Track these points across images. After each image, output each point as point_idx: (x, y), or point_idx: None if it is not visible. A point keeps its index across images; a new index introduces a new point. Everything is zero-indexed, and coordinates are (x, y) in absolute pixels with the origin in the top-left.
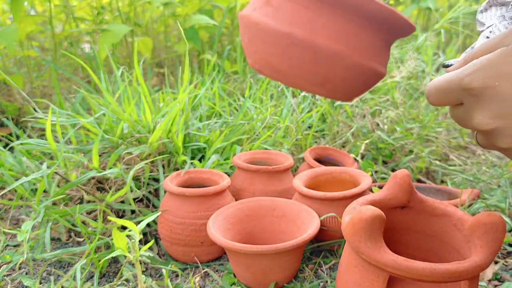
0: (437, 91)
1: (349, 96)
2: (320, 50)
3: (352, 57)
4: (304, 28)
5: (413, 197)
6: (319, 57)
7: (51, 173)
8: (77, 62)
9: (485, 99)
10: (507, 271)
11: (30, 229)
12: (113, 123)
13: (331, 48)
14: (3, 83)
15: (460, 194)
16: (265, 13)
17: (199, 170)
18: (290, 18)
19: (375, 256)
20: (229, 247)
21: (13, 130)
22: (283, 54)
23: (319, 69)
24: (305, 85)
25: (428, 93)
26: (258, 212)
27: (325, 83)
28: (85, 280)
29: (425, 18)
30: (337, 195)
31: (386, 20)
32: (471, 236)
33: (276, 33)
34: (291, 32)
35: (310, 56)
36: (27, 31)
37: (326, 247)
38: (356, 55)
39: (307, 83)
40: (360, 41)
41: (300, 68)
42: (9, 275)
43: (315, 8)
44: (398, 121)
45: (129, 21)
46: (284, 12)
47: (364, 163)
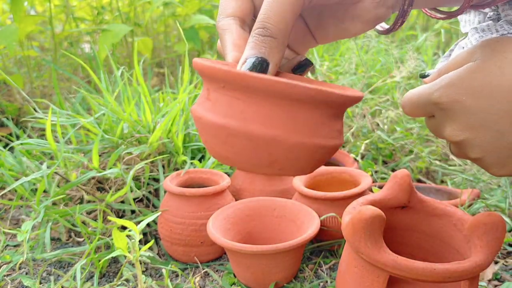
0: (411, 104)
1: (303, 171)
2: (256, 137)
3: (289, 139)
4: (238, 118)
5: (413, 197)
6: (257, 143)
7: (51, 173)
8: (77, 62)
9: (454, 113)
10: (507, 271)
11: (30, 229)
12: (113, 123)
13: (266, 133)
14: (3, 83)
15: (460, 194)
16: (205, 107)
17: (199, 170)
18: (225, 110)
19: (375, 256)
20: (229, 247)
21: (13, 130)
22: (225, 144)
23: (261, 154)
24: (253, 168)
25: (403, 105)
26: (258, 212)
27: (271, 165)
28: (85, 280)
29: (425, 18)
30: (337, 195)
31: (321, 100)
32: (471, 236)
33: (215, 125)
34: (226, 123)
35: (248, 143)
36: (27, 31)
37: (326, 247)
38: (294, 136)
39: (255, 167)
40: (296, 122)
41: (243, 155)
42: (9, 275)
43: (245, 98)
44: (398, 121)
45: (129, 21)
46: (220, 105)
47: (364, 163)
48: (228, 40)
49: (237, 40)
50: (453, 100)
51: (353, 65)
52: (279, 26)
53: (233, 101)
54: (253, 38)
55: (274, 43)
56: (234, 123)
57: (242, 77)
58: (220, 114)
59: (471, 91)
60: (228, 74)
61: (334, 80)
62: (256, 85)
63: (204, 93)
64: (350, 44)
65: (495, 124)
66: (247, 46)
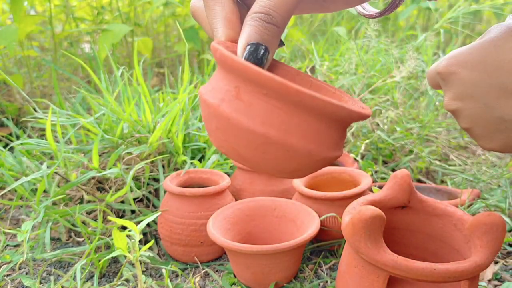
0: (427, 75)
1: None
2: (293, 149)
3: (321, 153)
4: (279, 129)
5: (413, 197)
6: (292, 154)
7: (51, 173)
8: (77, 62)
9: (450, 83)
10: (507, 271)
11: (30, 229)
12: (113, 123)
13: (304, 147)
14: (3, 83)
15: (460, 194)
16: (236, 108)
17: (199, 170)
18: (264, 117)
19: (375, 256)
20: (229, 247)
21: (13, 130)
22: (256, 149)
23: (291, 163)
24: (274, 173)
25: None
26: (258, 212)
27: (294, 172)
28: (85, 280)
29: (425, 18)
30: (337, 195)
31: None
32: (471, 236)
33: (250, 131)
34: (266, 132)
35: (283, 154)
36: (27, 31)
37: (326, 247)
38: (325, 150)
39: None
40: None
41: (272, 162)
42: (9, 275)
43: (287, 110)
44: (398, 121)
45: (129, 21)
46: (256, 110)
47: (364, 163)
48: (219, 13)
49: (230, 14)
50: (450, 71)
51: (353, 65)
52: (283, 15)
53: (274, 109)
54: (255, 22)
55: (276, 32)
56: (274, 133)
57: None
58: (257, 121)
59: (466, 65)
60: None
61: (334, 80)
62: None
63: (230, 89)
64: (350, 44)
65: (483, 97)
66: (248, 29)
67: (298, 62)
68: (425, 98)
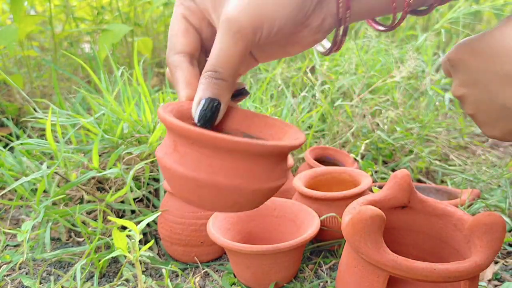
0: (442, 62)
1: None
2: (222, 187)
3: (250, 187)
4: (207, 172)
5: (413, 197)
6: (223, 192)
7: (51, 173)
8: (77, 62)
9: (457, 69)
10: (507, 271)
11: (30, 229)
12: (113, 123)
13: (231, 184)
14: (3, 83)
15: (460, 194)
16: (174, 159)
17: None
18: (194, 164)
19: (375, 256)
20: (229, 247)
21: (13, 130)
22: (194, 192)
23: (225, 199)
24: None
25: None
26: (258, 212)
27: (233, 206)
28: (85, 280)
29: (425, 18)
30: (337, 195)
31: (276, 152)
32: (471, 236)
33: (185, 177)
34: (196, 176)
35: (215, 192)
36: (27, 31)
37: (326, 247)
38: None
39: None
40: (255, 172)
41: (210, 200)
42: (9, 275)
43: (213, 154)
44: (398, 121)
45: (129, 21)
46: (188, 158)
47: (364, 163)
48: (180, 77)
49: (188, 77)
50: (458, 58)
51: (353, 65)
52: (229, 70)
53: (202, 156)
54: (206, 80)
55: (225, 85)
56: (204, 176)
57: (213, 139)
58: (189, 168)
59: (474, 52)
60: (199, 136)
61: (334, 80)
62: (224, 145)
63: (170, 143)
64: (350, 44)
65: (487, 84)
66: (200, 87)
67: (298, 62)
68: (425, 98)
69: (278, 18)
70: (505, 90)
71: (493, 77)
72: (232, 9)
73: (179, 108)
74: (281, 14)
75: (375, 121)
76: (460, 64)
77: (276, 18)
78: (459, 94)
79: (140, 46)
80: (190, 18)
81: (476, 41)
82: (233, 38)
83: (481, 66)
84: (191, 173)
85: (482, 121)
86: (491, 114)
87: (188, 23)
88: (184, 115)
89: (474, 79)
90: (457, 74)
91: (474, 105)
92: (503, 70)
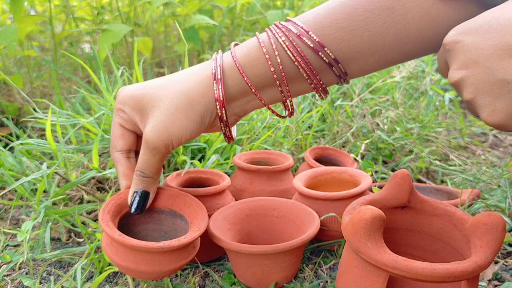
0: (438, 58)
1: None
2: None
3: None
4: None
5: (413, 197)
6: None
7: (51, 173)
8: (77, 62)
9: (454, 53)
10: (507, 271)
11: (30, 229)
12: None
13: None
14: (3, 83)
15: (460, 194)
16: (111, 250)
17: (199, 170)
18: (124, 256)
19: (375, 256)
20: (229, 247)
21: (13, 130)
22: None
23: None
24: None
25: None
26: (258, 212)
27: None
28: (85, 280)
29: None
30: (337, 195)
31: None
32: (471, 236)
33: (118, 264)
34: (126, 265)
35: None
36: (27, 31)
37: (326, 247)
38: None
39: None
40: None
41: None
42: (9, 275)
43: (133, 251)
44: (398, 121)
45: (129, 21)
46: (120, 252)
47: (364, 163)
48: (119, 171)
49: (126, 171)
50: (454, 40)
51: None
52: (152, 171)
53: (128, 252)
54: (137, 177)
55: (151, 180)
56: (130, 265)
57: (130, 245)
58: (121, 259)
59: (471, 31)
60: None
61: None
62: (137, 247)
63: (108, 239)
64: None
65: (487, 59)
66: (134, 182)
67: None
68: (425, 98)
69: (183, 136)
70: (504, 64)
71: (493, 51)
72: (148, 132)
73: (117, 202)
74: (185, 134)
75: (375, 121)
76: (457, 46)
77: (181, 136)
78: (457, 77)
79: (140, 46)
80: (124, 124)
81: (472, 21)
82: (151, 152)
83: (479, 43)
84: (122, 262)
85: (482, 104)
86: (491, 93)
87: (123, 128)
88: (122, 206)
89: (473, 58)
90: (455, 57)
91: (473, 87)
92: (503, 42)
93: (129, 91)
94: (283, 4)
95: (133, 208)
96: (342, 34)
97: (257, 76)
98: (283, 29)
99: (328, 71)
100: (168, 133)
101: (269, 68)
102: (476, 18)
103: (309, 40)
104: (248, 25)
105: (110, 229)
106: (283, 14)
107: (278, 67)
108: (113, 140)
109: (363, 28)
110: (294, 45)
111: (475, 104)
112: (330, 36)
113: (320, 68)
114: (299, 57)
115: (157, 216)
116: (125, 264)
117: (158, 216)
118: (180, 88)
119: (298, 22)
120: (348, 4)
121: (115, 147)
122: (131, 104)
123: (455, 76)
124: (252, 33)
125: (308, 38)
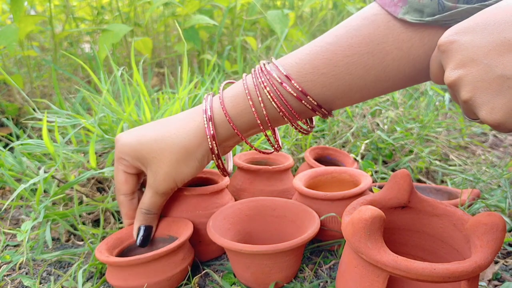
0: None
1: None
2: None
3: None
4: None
5: (413, 197)
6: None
7: (47, 178)
8: (77, 62)
9: (450, 53)
10: (507, 271)
11: (30, 229)
12: (113, 123)
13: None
14: (3, 83)
15: (460, 194)
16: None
17: None
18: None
19: (375, 256)
20: (229, 247)
21: (13, 130)
22: None
23: None
24: None
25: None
26: (258, 212)
27: None
28: (85, 280)
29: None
30: (337, 195)
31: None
32: (471, 236)
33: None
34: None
35: None
36: (27, 31)
37: (326, 247)
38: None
39: None
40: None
41: None
42: (9, 275)
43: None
44: (398, 121)
45: (129, 21)
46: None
47: (364, 163)
48: (123, 212)
49: (129, 212)
50: (450, 40)
51: None
52: (155, 209)
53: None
54: (142, 215)
55: (153, 217)
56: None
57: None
58: (121, 280)
59: (467, 29)
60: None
61: None
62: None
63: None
64: None
65: (485, 56)
66: (139, 218)
67: None
68: (425, 98)
69: (185, 179)
70: (503, 60)
71: (491, 48)
72: (156, 182)
73: (117, 236)
74: (187, 177)
75: (375, 121)
76: (452, 45)
77: (184, 179)
78: (454, 77)
79: (140, 46)
80: (128, 170)
81: (467, 21)
82: (160, 196)
83: (476, 41)
84: (115, 282)
85: (480, 103)
86: (490, 90)
87: (127, 174)
88: (123, 239)
89: (471, 56)
90: (451, 58)
91: (471, 86)
92: (501, 38)
93: (127, 142)
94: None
95: (139, 242)
96: (324, 79)
97: (244, 123)
98: (268, 76)
99: (312, 113)
100: (173, 180)
101: (255, 118)
102: (471, 18)
103: (292, 89)
104: (248, 25)
105: (100, 253)
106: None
107: (264, 117)
108: (118, 185)
109: (344, 72)
110: (278, 94)
111: (473, 104)
112: (313, 82)
113: (304, 112)
114: (283, 107)
115: (158, 244)
116: (119, 283)
117: (158, 245)
118: (177, 142)
119: (282, 68)
120: (329, 49)
121: (120, 190)
122: (132, 154)
123: (451, 76)
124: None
125: (291, 87)
